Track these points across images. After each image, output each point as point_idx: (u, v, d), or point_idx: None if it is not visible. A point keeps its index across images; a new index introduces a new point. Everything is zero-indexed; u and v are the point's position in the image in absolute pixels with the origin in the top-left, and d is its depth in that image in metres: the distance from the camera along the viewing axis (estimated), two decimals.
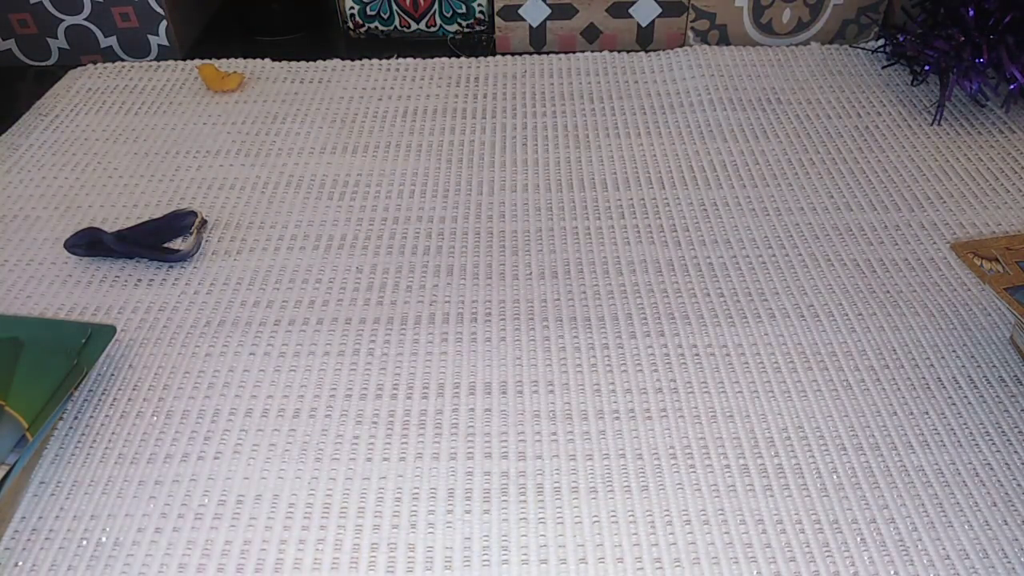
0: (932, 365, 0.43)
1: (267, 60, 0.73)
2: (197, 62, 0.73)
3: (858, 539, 0.35)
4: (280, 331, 0.45)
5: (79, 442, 0.39)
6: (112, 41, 0.74)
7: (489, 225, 0.53)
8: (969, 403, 0.40)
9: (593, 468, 0.38)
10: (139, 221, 0.54)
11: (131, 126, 0.64)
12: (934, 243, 0.51)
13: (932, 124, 0.62)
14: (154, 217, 0.53)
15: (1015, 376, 0.42)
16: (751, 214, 0.54)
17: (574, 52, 0.74)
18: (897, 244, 0.51)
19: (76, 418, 0.41)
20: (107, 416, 0.41)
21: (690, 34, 0.75)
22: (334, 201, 0.56)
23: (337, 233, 0.53)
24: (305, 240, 0.52)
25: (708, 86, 0.67)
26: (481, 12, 0.78)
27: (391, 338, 0.45)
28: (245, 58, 0.73)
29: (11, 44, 0.74)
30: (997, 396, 0.41)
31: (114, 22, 0.73)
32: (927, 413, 0.40)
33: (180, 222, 0.52)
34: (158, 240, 0.52)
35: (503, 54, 0.75)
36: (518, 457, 0.38)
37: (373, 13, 0.78)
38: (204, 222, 0.51)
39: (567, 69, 0.71)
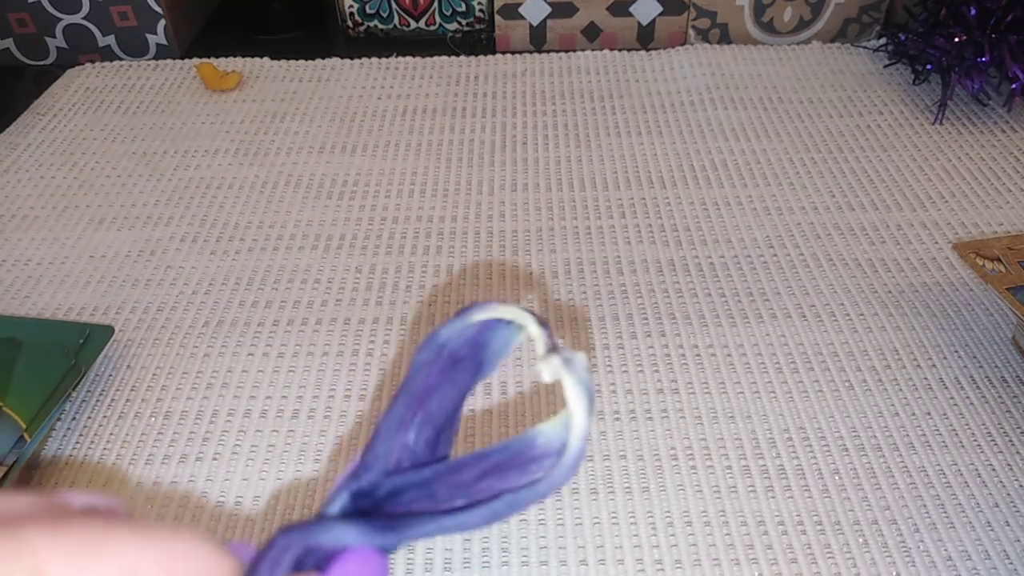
0: (934, 365, 0.42)
1: (266, 59, 0.73)
2: (195, 61, 0.72)
3: (860, 540, 0.34)
4: (279, 331, 0.45)
5: (77, 443, 0.39)
6: (110, 40, 0.74)
7: (489, 225, 0.53)
8: (971, 403, 0.40)
9: (594, 469, 0.37)
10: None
11: (129, 125, 0.64)
12: (936, 243, 0.50)
13: (934, 123, 0.62)
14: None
15: (1017, 376, 0.42)
16: (752, 213, 0.53)
17: (574, 51, 0.74)
18: (899, 244, 0.51)
19: (74, 419, 0.40)
20: (105, 416, 0.40)
21: (691, 33, 0.75)
22: (333, 201, 0.55)
23: (336, 233, 0.52)
24: (304, 240, 0.52)
25: (709, 85, 0.67)
26: (481, 10, 0.77)
27: (391, 338, 0.45)
28: (243, 57, 0.73)
29: (9, 43, 0.74)
30: (999, 396, 0.41)
31: (112, 21, 0.73)
32: (929, 413, 0.40)
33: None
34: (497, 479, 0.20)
35: (503, 52, 0.74)
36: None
37: (372, 12, 0.78)
38: (553, 346, 0.19)
39: (567, 68, 0.71)
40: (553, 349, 0.18)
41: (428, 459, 0.19)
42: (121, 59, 0.75)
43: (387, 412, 0.19)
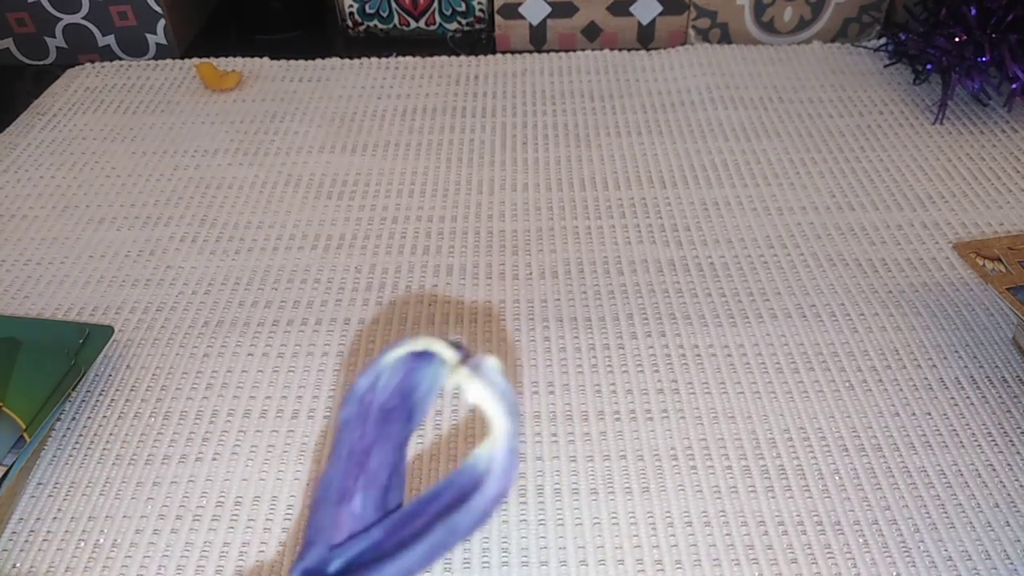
0: (934, 365, 0.42)
1: (265, 59, 0.73)
2: (195, 61, 0.72)
3: (860, 540, 0.34)
4: (279, 331, 0.45)
5: (77, 443, 0.39)
6: (110, 40, 0.74)
7: (489, 225, 0.53)
8: (971, 403, 0.40)
9: (594, 469, 0.37)
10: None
11: (129, 125, 0.64)
12: (936, 243, 0.50)
13: (934, 123, 0.62)
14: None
15: (1017, 376, 0.42)
16: (752, 213, 0.53)
17: (574, 50, 0.74)
18: (899, 244, 0.51)
19: (74, 419, 0.40)
20: (105, 417, 0.40)
21: (691, 32, 0.75)
22: (332, 200, 0.55)
23: (336, 233, 0.52)
24: (304, 240, 0.52)
25: (709, 85, 0.67)
26: (481, 10, 0.77)
27: (390, 338, 0.45)
28: (243, 57, 0.73)
29: (9, 43, 0.74)
30: (999, 396, 0.41)
31: (112, 21, 0.73)
32: (929, 414, 0.40)
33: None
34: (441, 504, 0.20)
35: (503, 52, 0.74)
36: (518, 459, 0.38)
37: (372, 11, 0.78)
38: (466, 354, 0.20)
39: (567, 67, 0.71)
40: (465, 360, 0.18)
41: (378, 518, 0.18)
42: (121, 59, 0.75)
43: (322, 482, 0.18)
